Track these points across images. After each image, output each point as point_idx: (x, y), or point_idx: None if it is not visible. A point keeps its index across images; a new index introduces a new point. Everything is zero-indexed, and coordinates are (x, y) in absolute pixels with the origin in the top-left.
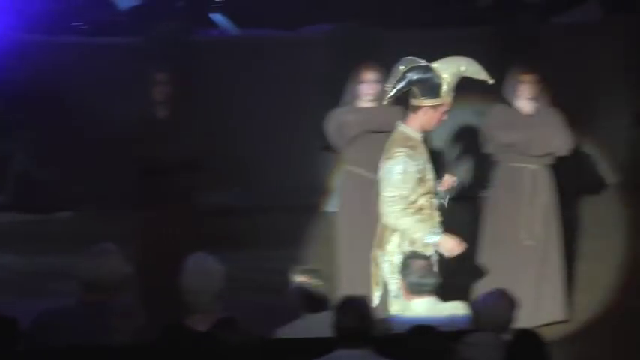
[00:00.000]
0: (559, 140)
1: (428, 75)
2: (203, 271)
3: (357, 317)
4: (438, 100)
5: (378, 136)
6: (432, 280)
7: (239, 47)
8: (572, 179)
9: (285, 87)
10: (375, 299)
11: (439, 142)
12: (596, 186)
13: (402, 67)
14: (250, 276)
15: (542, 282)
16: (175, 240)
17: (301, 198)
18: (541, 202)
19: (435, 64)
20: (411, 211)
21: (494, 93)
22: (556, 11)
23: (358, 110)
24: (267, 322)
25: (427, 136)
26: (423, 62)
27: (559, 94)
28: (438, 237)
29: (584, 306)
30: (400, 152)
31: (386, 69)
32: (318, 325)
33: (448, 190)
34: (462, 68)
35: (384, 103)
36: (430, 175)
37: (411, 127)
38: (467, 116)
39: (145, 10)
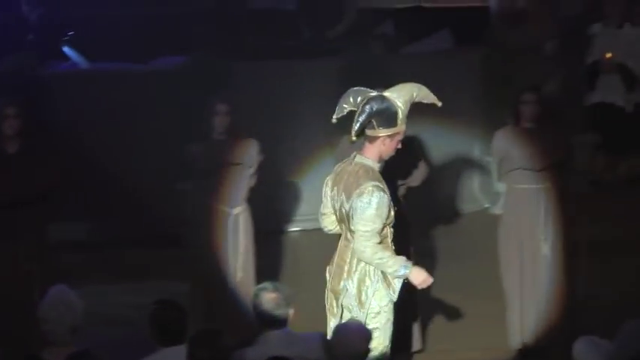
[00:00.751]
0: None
1: (385, 105)
2: (62, 303)
3: (210, 350)
4: (394, 129)
5: (230, 168)
6: (284, 312)
7: (90, 80)
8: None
9: (136, 119)
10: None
11: None
12: (449, 212)
13: (355, 99)
14: (104, 310)
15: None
16: (28, 274)
17: (157, 231)
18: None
19: (387, 93)
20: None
21: None
22: (407, 41)
23: (210, 143)
24: (122, 356)
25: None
26: (374, 92)
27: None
28: (409, 270)
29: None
30: (372, 186)
31: (238, 100)
32: (173, 358)
33: None
34: (415, 94)
35: (352, 138)
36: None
37: (370, 158)
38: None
39: None
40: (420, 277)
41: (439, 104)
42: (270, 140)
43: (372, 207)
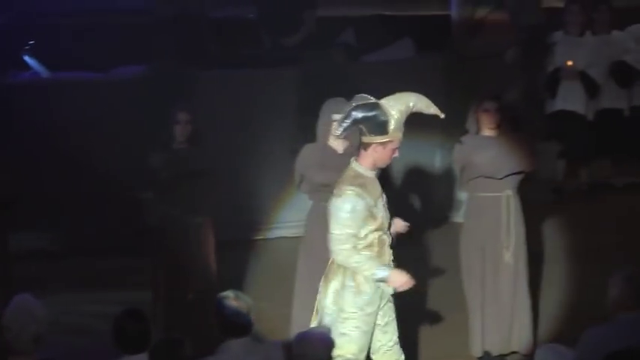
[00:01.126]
0: None
1: (373, 113)
2: (25, 312)
3: (171, 359)
4: (385, 136)
5: (191, 177)
6: (246, 320)
7: (51, 89)
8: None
9: (97, 128)
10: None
11: None
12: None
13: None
14: (65, 319)
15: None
16: None
17: (119, 240)
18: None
19: (383, 101)
20: (360, 247)
21: None
22: (368, 50)
23: (171, 152)
24: None
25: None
26: (372, 99)
27: None
28: (387, 272)
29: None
30: (349, 190)
31: (199, 109)
32: None
33: (396, 233)
34: (411, 104)
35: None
36: (382, 212)
37: (363, 165)
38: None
39: None
40: (399, 280)
41: (442, 116)
42: (231, 149)
43: (344, 210)
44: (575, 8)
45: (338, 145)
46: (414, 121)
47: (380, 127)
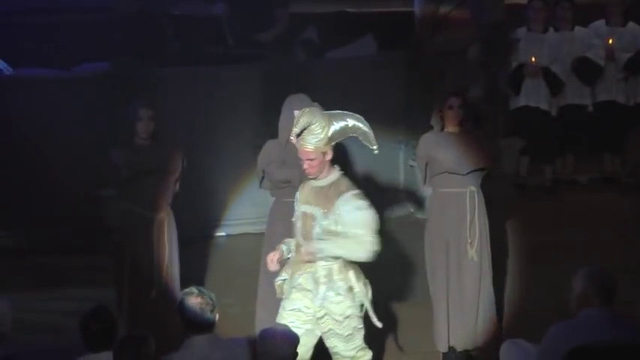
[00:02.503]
0: None
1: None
2: None
3: (135, 356)
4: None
5: (153, 174)
6: (209, 317)
7: (12, 86)
8: None
9: (58, 125)
10: None
11: None
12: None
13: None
14: (27, 316)
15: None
16: None
17: (80, 237)
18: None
19: (325, 112)
20: None
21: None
22: (331, 47)
23: (133, 148)
24: None
25: None
26: (314, 107)
27: None
28: None
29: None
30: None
31: (162, 106)
32: None
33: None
34: (350, 124)
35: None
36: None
37: None
38: None
39: None
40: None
41: (375, 151)
42: (194, 145)
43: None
44: (537, 5)
45: None
46: (377, 118)
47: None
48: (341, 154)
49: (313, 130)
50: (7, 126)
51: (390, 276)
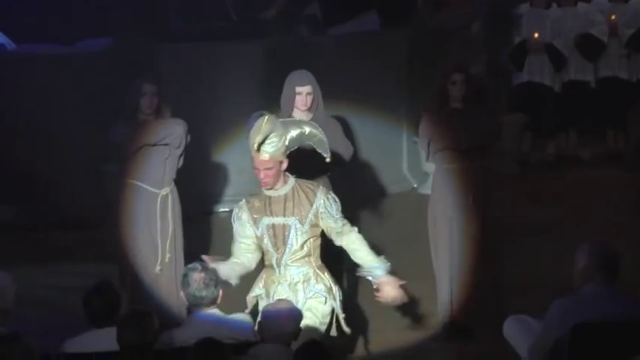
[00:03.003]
0: (342, 149)
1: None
2: None
3: (138, 331)
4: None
5: (157, 149)
6: (209, 293)
7: (15, 62)
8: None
9: (61, 101)
10: None
11: None
12: (377, 193)
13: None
14: (30, 292)
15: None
16: None
17: (82, 212)
18: None
19: (279, 120)
20: None
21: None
22: (334, 23)
23: (137, 124)
24: (50, 338)
25: None
26: (268, 116)
27: (341, 103)
28: None
29: None
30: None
31: (163, 82)
32: (105, 339)
33: None
34: (307, 132)
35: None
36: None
37: None
38: None
39: None
40: None
41: (328, 159)
42: (197, 121)
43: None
44: None
45: (302, 117)
46: (380, 94)
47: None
48: (339, 128)
49: (271, 138)
50: (10, 101)
51: (393, 251)
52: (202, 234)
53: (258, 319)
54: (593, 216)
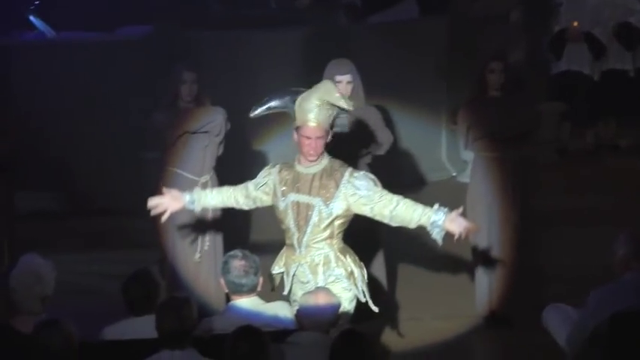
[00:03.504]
0: (381, 137)
1: (284, 100)
2: (31, 272)
3: (177, 318)
4: (295, 123)
5: (197, 136)
6: (250, 281)
7: (56, 49)
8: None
9: (102, 88)
10: None
11: None
12: (416, 181)
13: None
14: (71, 279)
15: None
16: None
17: (123, 200)
18: None
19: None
20: None
21: None
22: (372, 11)
23: (177, 111)
24: (90, 325)
25: None
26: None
27: (380, 91)
28: None
29: None
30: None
31: (202, 70)
32: (143, 326)
33: None
34: (323, 92)
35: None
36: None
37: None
38: None
39: None
40: None
41: (350, 109)
42: (237, 108)
43: None
44: None
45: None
46: (418, 82)
47: (292, 113)
48: (379, 116)
49: (325, 106)
50: (50, 89)
51: (432, 240)
52: (241, 221)
53: (296, 306)
54: (632, 204)
